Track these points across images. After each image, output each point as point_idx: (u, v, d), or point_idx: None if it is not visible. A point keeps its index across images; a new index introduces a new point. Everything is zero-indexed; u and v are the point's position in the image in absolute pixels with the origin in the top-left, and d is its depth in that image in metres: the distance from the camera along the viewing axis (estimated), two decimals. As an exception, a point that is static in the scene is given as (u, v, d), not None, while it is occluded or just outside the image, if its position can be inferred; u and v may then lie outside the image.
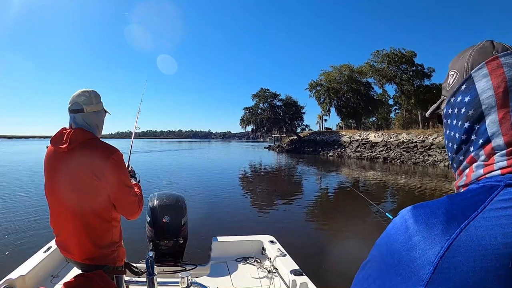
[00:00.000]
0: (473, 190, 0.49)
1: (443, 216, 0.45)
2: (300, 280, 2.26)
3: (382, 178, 16.97)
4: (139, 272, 2.06)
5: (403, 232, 0.47)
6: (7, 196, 10.11)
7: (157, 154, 35.76)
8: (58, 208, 1.68)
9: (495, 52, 0.56)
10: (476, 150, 0.55)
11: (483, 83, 0.54)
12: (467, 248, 0.40)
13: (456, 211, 0.45)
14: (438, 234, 0.43)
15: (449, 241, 0.42)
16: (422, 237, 0.44)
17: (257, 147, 64.57)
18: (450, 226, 0.43)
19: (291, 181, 16.59)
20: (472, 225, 0.42)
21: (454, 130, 0.60)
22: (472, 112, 0.55)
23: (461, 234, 0.42)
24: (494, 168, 0.51)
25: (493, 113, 0.52)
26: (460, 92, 0.58)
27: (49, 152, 1.71)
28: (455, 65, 0.62)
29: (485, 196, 0.46)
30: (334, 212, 9.07)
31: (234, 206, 9.37)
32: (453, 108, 0.60)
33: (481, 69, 0.55)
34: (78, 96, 1.70)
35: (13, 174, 16.32)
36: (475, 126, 0.55)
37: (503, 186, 0.47)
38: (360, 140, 33.08)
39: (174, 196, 3.03)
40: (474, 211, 0.44)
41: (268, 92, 49.46)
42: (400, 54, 40.68)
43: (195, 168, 21.84)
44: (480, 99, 0.54)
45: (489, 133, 0.53)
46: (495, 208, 0.43)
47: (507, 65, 0.53)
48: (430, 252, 0.42)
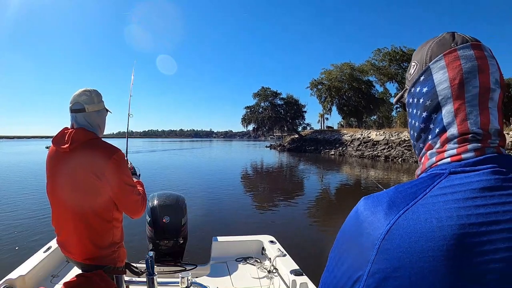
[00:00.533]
0: (420, 179, 0.52)
1: (386, 204, 0.49)
2: (300, 280, 2.25)
3: (384, 177, 16.96)
4: (139, 272, 2.06)
5: (355, 220, 0.52)
6: (10, 196, 10.14)
7: (159, 154, 35.76)
8: (59, 208, 1.68)
9: (454, 44, 0.57)
10: (434, 139, 0.58)
11: (440, 75, 0.56)
12: (404, 231, 0.45)
13: (398, 199, 0.49)
14: (380, 219, 0.48)
15: (389, 225, 0.46)
16: (368, 223, 0.49)
17: (259, 146, 64.59)
18: (391, 212, 0.48)
19: (292, 180, 16.59)
20: (410, 210, 0.46)
21: (415, 119, 0.62)
22: (429, 103, 0.58)
23: (399, 219, 0.46)
24: (444, 156, 0.54)
25: (449, 104, 0.55)
26: (419, 83, 0.60)
27: (51, 152, 1.71)
28: (416, 56, 0.63)
29: (427, 184, 0.50)
30: (335, 212, 9.04)
31: (234, 206, 9.38)
32: (413, 98, 0.62)
33: (439, 61, 0.57)
34: (79, 96, 1.70)
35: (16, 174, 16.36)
36: (432, 115, 0.58)
37: (447, 174, 0.50)
38: (362, 138, 33.05)
39: (174, 196, 3.04)
40: (414, 198, 0.48)
41: (269, 91, 49.48)
42: (401, 52, 40.69)
43: (195, 167, 21.86)
44: (436, 90, 0.56)
45: (445, 122, 0.55)
46: (434, 195, 0.47)
47: (464, 58, 0.55)
48: (374, 235, 0.47)
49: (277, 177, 17.89)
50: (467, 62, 0.54)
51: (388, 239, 0.45)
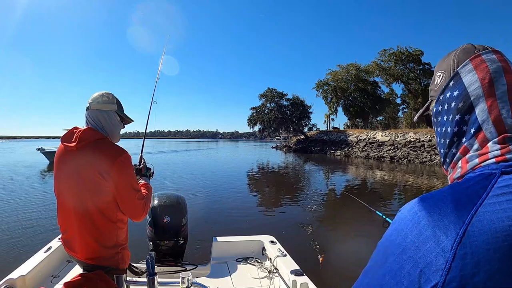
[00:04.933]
0: (471, 179, 0.52)
1: (452, 205, 0.47)
2: (300, 280, 2.24)
3: (389, 178, 16.85)
4: (139, 272, 2.07)
5: (414, 226, 0.48)
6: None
7: (165, 155, 35.83)
8: (64, 206, 1.69)
9: (477, 51, 0.61)
10: (469, 140, 0.58)
11: (469, 77, 0.59)
12: (480, 232, 0.42)
13: (463, 199, 0.47)
14: (452, 221, 0.45)
15: (463, 227, 0.43)
16: (437, 227, 0.46)
17: (265, 146, 64.52)
18: (462, 213, 0.45)
19: (296, 180, 16.50)
20: (481, 211, 0.44)
21: (446, 125, 0.63)
22: (462, 104, 0.59)
23: (473, 220, 0.44)
24: (489, 156, 0.54)
25: (482, 102, 0.56)
26: (449, 88, 0.62)
27: (60, 150, 1.73)
28: (440, 66, 0.66)
29: (485, 184, 0.48)
30: (336, 212, 9.01)
31: (235, 206, 9.37)
32: (442, 105, 0.63)
33: (466, 65, 0.60)
34: (92, 97, 1.77)
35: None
36: (465, 117, 0.58)
37: (499, 174, 0.49)
38: (367, 139, 32.88)
39: (174, 196, 3.05)
40: (479, 197, 0.46)
41: (275, 92, 49.38)
42: (407, 52, 40.47)
43: (200, 167, 21.84)
44: (468, 91, 0.58)
45: (480, 121, 0.56)
46: (496, 194, 0.46)
47: (489, 61, 0.58)
48: (446, 241, 0.44)
49: (280, 178, 17.84)
50: (492, 64, 0.58)
51: (464, 242, 0.43)
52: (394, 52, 41.30)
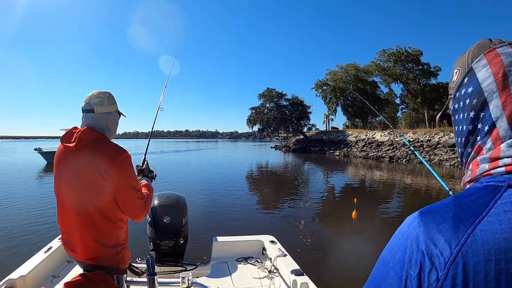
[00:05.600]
0: (477, 192, 0.50)
1: (451, 221, 0.46)
2: (300, 280, 2.24)
3: (388, 177, 16.87)
4: (139, 272, 2.06)
5: (413, 241, 0.48)
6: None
7: (167, 155, 35.82)
8: (64, 206, 1.69)
9: (492, 45, 0.59)
10: (483, 138, 0.56)
11: (483, 72, 0.56)
12: (474, 254, 0.42)
13: (463, 216, 0.46)
14: (448, 240, 0.44)
15: (458, 247, 0.43)
16: (433, 244, 0.45)
17: (264, 146, 64.50)
18: (459, 231, 0.44)
19: (295, 180, 16.48)
20: (478, 229, 0.43)
21: (462, 123, 0.61)
22: (475, 101, 0.57)
23: (468, 240, 0.43)
24: (499, 164, 0.52)
25: (495, 98, 0.54)
26: (464, 85, 0.60)
27: (59, 150, 1.74)
28: (457, 63, 0.64)
29: (489, 198, 0.47)
30: (337, 213, 9.01)
31: (235, 205, 9.35)
32: (458, 102, 0.62)
33: (480, 60, 0.58)
34: (91, 97, 1.74)
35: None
36: (480, 114, 0.56)
37: (505, 187, 0.48)
38: (366, 139, 32.91)
39: (174, 196, 3.05)
40: (479, 214, 0.45)
41: (274, 92, 49.40)
42: (406, 52, 40.44)
43: (200, 167, 21.82)
44: (482, 87, 0.56)
45: (494, 118, 0.54)
46: (497, 212, 0.44)
47: (504, 54, 0.56)
48: (441, 258, 0.43)
49: (280, 178, 17.84)
50: (507, 57, 0.55)
51: (457, 262, 0.42)
52: (393, 52, 41.26)
